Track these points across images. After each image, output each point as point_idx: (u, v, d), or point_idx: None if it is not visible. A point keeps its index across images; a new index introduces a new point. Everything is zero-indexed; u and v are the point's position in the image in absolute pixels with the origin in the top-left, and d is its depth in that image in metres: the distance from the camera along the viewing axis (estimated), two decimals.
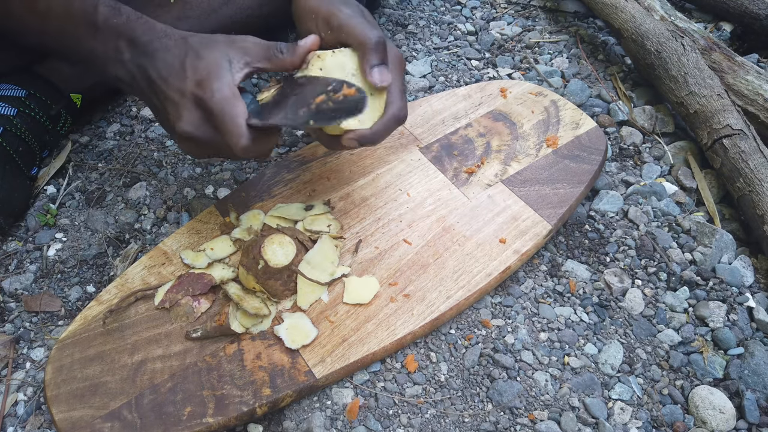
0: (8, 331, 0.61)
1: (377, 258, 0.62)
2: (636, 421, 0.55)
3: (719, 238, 0.67)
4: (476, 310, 0.62)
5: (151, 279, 0.60)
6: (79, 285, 0.65)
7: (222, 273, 0.59)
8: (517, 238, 0.63)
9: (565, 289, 0.64)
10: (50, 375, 0.53)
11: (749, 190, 0.67)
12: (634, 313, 0.62)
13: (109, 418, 0.51)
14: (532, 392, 0.56)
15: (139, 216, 0.71)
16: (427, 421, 0.54)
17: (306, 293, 0.58)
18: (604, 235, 0.69)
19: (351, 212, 0.66)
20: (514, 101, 0.78)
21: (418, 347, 0.59)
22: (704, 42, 0.85)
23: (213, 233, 0.64)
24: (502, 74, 0.90)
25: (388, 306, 0.58)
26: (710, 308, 0.62)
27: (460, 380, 0.57)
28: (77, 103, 0.78)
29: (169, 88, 0.51)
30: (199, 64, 0.50)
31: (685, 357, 0.59)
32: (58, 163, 0.75)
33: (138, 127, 0.82)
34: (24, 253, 0.67)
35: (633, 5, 0.88)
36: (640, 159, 0.78)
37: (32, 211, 0.71)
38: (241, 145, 0.50)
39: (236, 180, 0.74)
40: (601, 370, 0.58)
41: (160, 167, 0.76)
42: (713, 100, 0.74)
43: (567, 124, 0.75)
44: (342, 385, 0.56)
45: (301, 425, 0.54)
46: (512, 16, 1.02)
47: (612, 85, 0.89)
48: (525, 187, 0.68)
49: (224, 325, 0.55)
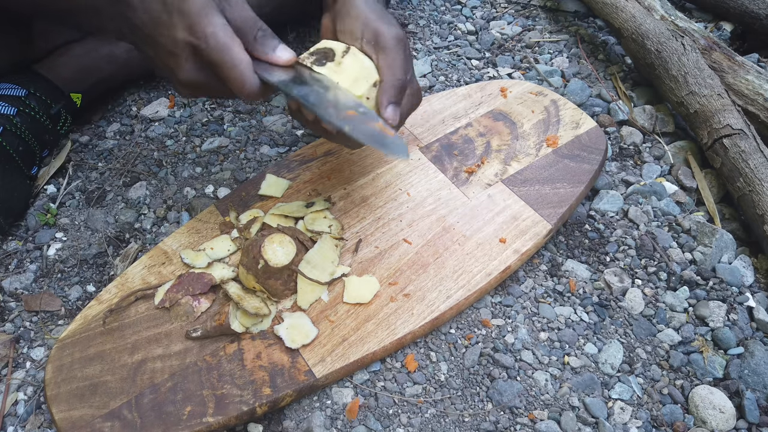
0: (8, 331, 0.61)
1: (377, 257, 0.62)
2: (636, 420, 0.55)
3: (719, 238, 0.67)
4: (476, 309, 0.62)
5: (151, 278, 0.60)
6: (79, 284, 0.65)
7: (222, 272, 0.59)
8: (517, 238, 0.63)
9: (565, 289, 0.64)
10: (50, 374, 0.53)
11: (749, 190, 0.67)
12: (634, 313, 0.62)
13: (109, 417, 0.51)
14: (532, 392, 0.56)
15: (139, 215, 0.71)
16: (427, 420, 0.54)
17: (306, 293, 0.58)
18: (604, 234, 0.69)
19: (351, 212, 0.66)
20: (514, 101, 0.78)
21: (418, 347, 0.59)
22: (704, 42, 0.85)
23: (213, 233, 0.64)
24: (502, 74, 0.90)
25: (388, 306, 0.58)
26: (710, 308, 0.62)
27: (460, 380, 0.57)
28: (77, 102, 0.78)
29: (160, 36, 0.48)
30: (184, 6, 0.47)
31: (685, 357, 0.59)
32: (58, 162, 0.75)
33: (138, 127, 0.82)
34: (24, 252, 0.67)
35: (633, 5, 0.88)
36: (640, 159, 0.78)
37: (32, 210, 0.71)
38: (246, 92, 0.49)
39: (236, 179, 0.74)
40: (601, 370, 0.58)
41: (160, 167, 0.76)
42: (713, 99, 0.74)
43: (567, 124, 0.75)
44: (342, 385, 0.56)
45: (301, 425, 0.54)
46: (512, 16, 1.02)
47: (612, 84, 0.89)
48: (525, 186, 0.68)
49: (224, 324, 0.55)
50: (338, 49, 0.55)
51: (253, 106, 0.84)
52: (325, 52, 0.55)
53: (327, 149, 0.72)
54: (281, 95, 0.85)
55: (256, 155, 0.77)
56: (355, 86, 0.53)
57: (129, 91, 0.86)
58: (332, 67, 0.54)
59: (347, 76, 0.53)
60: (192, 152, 0.78)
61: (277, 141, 0.79)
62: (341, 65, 0.54)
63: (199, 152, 0.78)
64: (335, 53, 0.55)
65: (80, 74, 0.77)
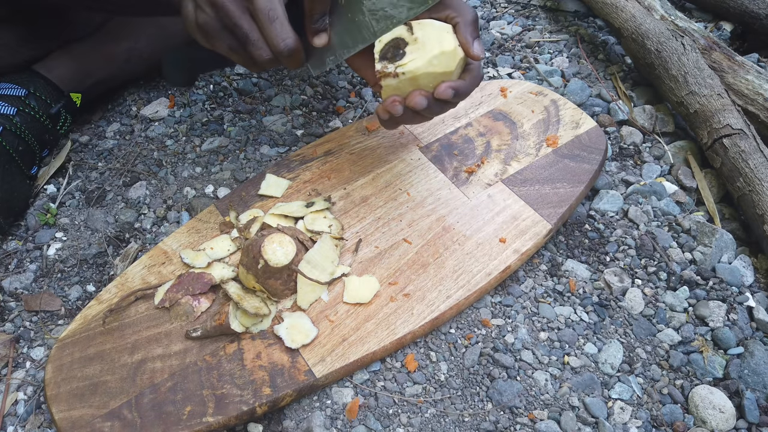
0: (8, 331, 0.61)
1: (377, 257, 0.62)
2: (636, 420, 0.55)
3: (719, 238, 0.67)
4: (476, 309, 0.62)
5: (151, 278, 0.60)
6: (79, 284, 0.65)
7: (222, 272, 0.59)
8: (517, 238, 0.63)
9: (565, 289, 0.64)
10: (50, 374, 0.53)
11: (749, 190, 0.67)
12: (634, 313, 0.62)
13: (109, 417, 0.51)
14: (532, 392, 0.56)
15: (139, 215, 0.71)
16: (427, 420, 0.54)
17: (306, 293, 0.58)
18: (604, 234, 0.69)
19: (351, 211, 0.66)
20: (514, 101, 0.78)
21: (418, 347, 0.59)
22: (704, 41, 0.85)
23: (213, 232, 0.64)
24: (502, 73, 0.90)
25: (388, 305, 0.58)
26: (710, 308, 0.62)
27: (460, 380, 0.57)
28: (77, 102, 0.78)
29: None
30: None
31: (685, 356, 0.59)
32: (58, 162, 0.75)
33: (138, 127, 0.82)
34: (24, 252, 0.67)
35: (633, 5, 0.88)
36: (640, 158, 0.78)
37: (32, 210, 0.71)
38: (281, 47, 0.50)
39: (236, 179, 0.74)
40: (601, 370, 0.58)
41: (160, 167, 0.76)
42: (713, 99, 0.74)
43: (567, 124, 0.75)
44: (342, 385, 0.56)
45: (301, 424, 0.54)
46: (512, 16, 1.02)
47: (612, 84, 0.89)
48: (525, 186, 0.68)
49: (224, 324, 0.55)
50: (400, 32, 0.54)
51: (253, 106, 0.84)
52: (393, 44, 0.54)
53: (327, 149, 0.72)
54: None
55: (256, 155, 0.77)
56: (446, 44, 0.53)
57: (129, 91, 0.86)
58: (413, 50, 0.53)
59: (431, 43, 0.53)
60: (192, 152, 0.78)
61: (277, 141, 0.79)
62: (418, 41, 0.53)
63: (199, 152, 0.78)
64: (402, 37, 0.54)
65: (80, 74, 0.77)
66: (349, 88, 0.88)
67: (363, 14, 0.55)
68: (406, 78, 0.53)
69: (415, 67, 0.52)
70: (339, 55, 0.57)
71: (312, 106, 0.84)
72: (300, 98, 0.85)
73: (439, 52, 0.52)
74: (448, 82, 0.53)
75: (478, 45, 0.54)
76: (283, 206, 0.65)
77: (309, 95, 0.86)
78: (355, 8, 0.55)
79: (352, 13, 0.55)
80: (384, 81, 0.54)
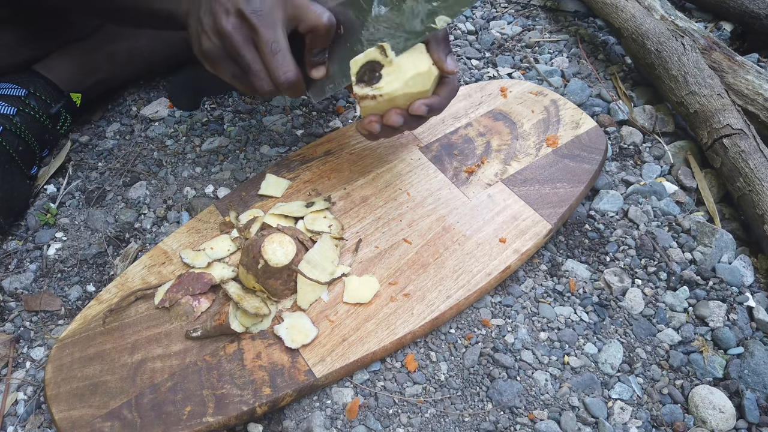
0: (8, 331, 0.61)
1: (377, 257, 0.62)
2: (636, 420, 0.55)
3: (719, 238, 0.67)
4: (476, 309, 0.62)
5: (151, 278, 0.60)
6: (79, 284, 0.65)
7: (222, 272, 0.59)
8: (517, 238, 0.63)
9: (565, 289, 0.64)
10: (50, 374, 0.53)
11: (749, 190, 0.67)
12: (634, 313, 0.62)
13: (109, 417, 0.51)
14: (532, 392, 0.56)
15: (139, 215, 0.71)
16: (427, 420, 0.54)
17: (306, 293, 0.58)
18: (604, 234, 0.69)
19: (351, 211, 0.66)
20: (514, 101, 0.78)
21: (418, 347, 0.59)
22: (704, 41, 0.85)
23: (213, 233, 0.64)
24: (502, 74, 0.90)
25: (388, 305, 0.58)
26: (710, 308, 0.62)
27: (460, 380, 0.57)
28: (77, 102, 0.78)
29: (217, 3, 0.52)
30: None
31: (685, 356, 0.59)
32: (58, 162, 0.75)
33: (138, 127, 0.82)
34: (24, 252, 0.67)
35: (633, 5, 0.88)
36: (640, 158, 0.78)
37: (32, 210, 0.71)
38: (282, 79, 0.52)
39: (236, 179, 0.74)
40: (601, 370, 0.58)
41: (160, 167, 0.76)
42: (713, 99, 0.74)
43: (567, 124, 0.75)
44: (342, 385, 0.56)
45: (301, 424, 0.54)
46: (512, 16, 1.02)
47: (612, 84, 0.89)
48: (525, 186, 0.68)
49: (224, 324, 0.55)
50: (374, 54, 0.55)
51: (253, 105, 0.84)
52: (369, 67, 0.55)
53: (327, 149, 0.72)
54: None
55: (256, 155, 0.77)
56: (420, 64, 0.54)
57: (129, 91, 0.86)
58: (389, 72, 0.55)
59: (406, 65, 0.54)
60: (192, 152, 0.78)
61: (277, 141, 0.79)
62: (393, 63, 0.54)
63: (199, 152, 0.78)
64: (376, 60, 0.55)
65: (80, 74, 0.77)
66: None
67: (361, 44, 0.57)
68: (383, 99, 0.55)
69: (392, 89, 0.54)
70: (338, 83, 0.59)
71: (312, 106, 0.84)
72: (300, 98, 0.85)
73: (414, 74, 0.54)
74: (423, 100, 0.56)
75: (451, 60, 0.56)
76: (283, 206, 0.65)
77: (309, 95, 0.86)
78: (353, 38, 0.57)
79: (351, 43, 0.57)
80: (362, 102, 0.56)
